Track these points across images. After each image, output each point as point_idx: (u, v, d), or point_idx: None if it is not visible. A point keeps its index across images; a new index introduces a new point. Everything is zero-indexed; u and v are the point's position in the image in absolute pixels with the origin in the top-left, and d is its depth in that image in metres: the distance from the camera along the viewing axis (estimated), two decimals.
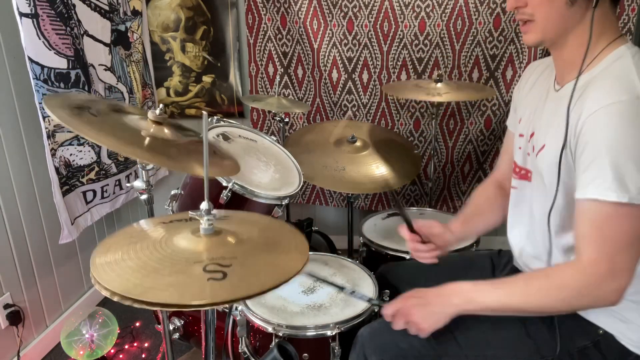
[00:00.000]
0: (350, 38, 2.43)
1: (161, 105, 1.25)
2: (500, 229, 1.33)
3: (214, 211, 0.88)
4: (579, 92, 1.00)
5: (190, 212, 0.89)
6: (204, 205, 0.86)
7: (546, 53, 1.19)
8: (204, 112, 0.83)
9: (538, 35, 1.05)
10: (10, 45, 1.76)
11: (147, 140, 1.14)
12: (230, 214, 1.03)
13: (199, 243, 0.85)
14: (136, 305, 0.70)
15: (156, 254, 0.81)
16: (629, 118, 0.90)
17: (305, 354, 1.32)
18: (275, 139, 1.82)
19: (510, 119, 1.38)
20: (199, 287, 0.74)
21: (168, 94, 2.66)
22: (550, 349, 1.09)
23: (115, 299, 0.71)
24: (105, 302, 2.33)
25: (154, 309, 0.71)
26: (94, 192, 2.12)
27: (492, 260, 1.41)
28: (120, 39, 2.21)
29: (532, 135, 1.16)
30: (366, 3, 2.36)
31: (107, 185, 2.20)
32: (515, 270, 1.27)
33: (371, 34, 2.41)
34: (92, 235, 2.33)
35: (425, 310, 1.09)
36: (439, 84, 2.01)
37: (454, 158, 2.58)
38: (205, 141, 0.83)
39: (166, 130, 1.20)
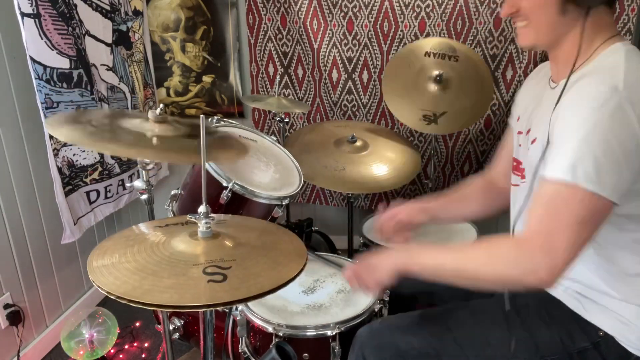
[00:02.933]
0: (350, 38, 2.43)
1: (161, 105, 1.25)
2: (500, 227, 1.33)
3: (212, 215, 0.88)
4: (569, 87, 1.00)
5: (188, 215, 0.90)
6: (201, 208, 0.86)
7: (546, 55, 1.21)
8: (202, 115, 0.83)
9: (531, 39, 1.08)
10: (11, 45, 1.77)
11: (154, 140, 1.13)
12: (228, 218, 1.03)
13: (197, 246, 0.86)
14: (134, 305, 0.70)
15: (154, 256, 0.82)
16: (600, 107, 0.90)
17: (306, 354, 1.32)
18: (275, 139, 1.82)
19: (512, 118, 1.39)
20: (199, 289, 0.74)
21: (168, 94, 2.66)
22: (549, 349, 1.09)
23: (112, 297, 0.72)
24: (105, 302, 2.33)
25: (153, 308, 0.72)
26: (98, 192, 2.12)
27: None
28: (121, 39, 2.22)
29: (528, 131, 1.17)
30: (366, 3, 2.36)
31: (111, 185, 2.20)
32: None
33: (371, 34, 2.41)
34: (93, 235, 2.33)
35: (371, 266, 1.11)
36: (436, 87, 2.00)
37: (454, 158, 2.59)
38: (204, 144, 0.83)
39: (170, 127, 1.20)
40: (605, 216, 0.93)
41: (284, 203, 1.55)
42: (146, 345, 2.11)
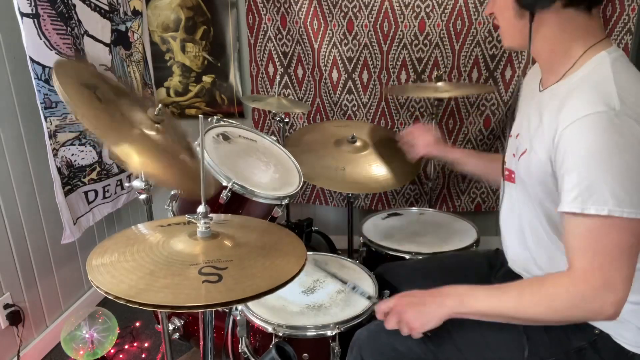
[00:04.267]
0: (350, 38, 2.43)
1: (160, 105, 1.25)
2: (498, 229, 1.33)
3: (212, 215, 0.88)
4: (559, 101, 0.99)
5: (187, 215, 0.89)
6: (200, 208, 0.86)
7: None
8: (201, 116, 0.83)
9: (506, 41, 1.13)
10: (11, 45, 1.77)
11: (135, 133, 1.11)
12: (228, 218, 1.03)
13: (196, 246, 0.85)
14: (130, 305, 0.70)
15: (152, 256, 0.82)
16: (605, 130, 0.89)
17: (305, 354, 1.32)
18: (275, 139, 1.82)
19: None
20: (194, 289, 0.74)
21: (168, 94, 2.66)
22: (547, 350, 1.09)
23: (109, 296, 0.71)
24: (105, 302, 2.33)
25: (149, 309, 0.71)
26: (96, 192, 2.12)
27: (489, 260, 1.41)
28: (120, 39, 2.21)
29: (517, 136, 1.17)
30: (366, 3, 2.36)
31: (109, 185, 2.20)
32: (510, 271, 1.27)
33: (371, 34, 2.41)
34: (92, 235, 2.33)
35: (417, 309, 1.08)
36: (439, 83, 2.02)
37: None
38: (202, 144, 0.83)
39: (158, 132, 1.19)
40: None
41: (283, 203, 1.54)
42: (146, 345, 2.11)
